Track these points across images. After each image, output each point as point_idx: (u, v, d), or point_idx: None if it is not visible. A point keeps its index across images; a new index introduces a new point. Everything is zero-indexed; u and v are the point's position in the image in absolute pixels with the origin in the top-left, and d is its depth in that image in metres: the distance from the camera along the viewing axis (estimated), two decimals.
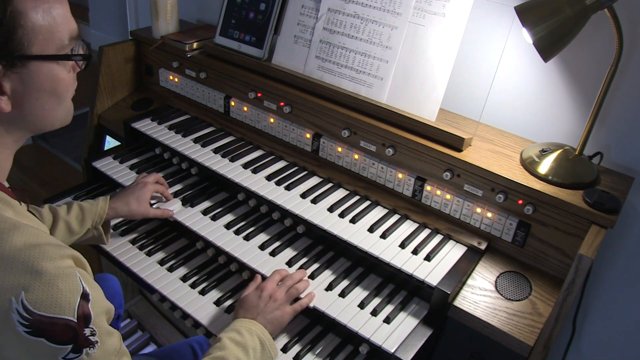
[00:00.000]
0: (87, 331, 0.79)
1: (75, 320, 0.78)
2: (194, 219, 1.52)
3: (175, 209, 1.55)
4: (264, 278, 1.35)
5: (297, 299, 1.28)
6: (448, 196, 1.41)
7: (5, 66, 0.80)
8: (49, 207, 1.34)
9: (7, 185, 0.90)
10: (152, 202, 1.55)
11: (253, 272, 1.38)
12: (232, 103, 1.80)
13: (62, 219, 1.32)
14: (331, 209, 1.46)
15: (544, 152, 1.36)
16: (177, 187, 1.65)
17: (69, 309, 0.77)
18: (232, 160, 1.64)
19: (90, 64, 0.99)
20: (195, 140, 1.72)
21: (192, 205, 1.56)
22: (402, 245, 1.37)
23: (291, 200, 1.49)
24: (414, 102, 1.46)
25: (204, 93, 1.87)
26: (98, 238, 1.41)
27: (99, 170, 1.72)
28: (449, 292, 1.23)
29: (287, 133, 1.69)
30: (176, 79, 1.94)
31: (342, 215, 1.45)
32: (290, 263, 1.39)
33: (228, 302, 1.37)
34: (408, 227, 1.45)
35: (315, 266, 1.39)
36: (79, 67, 0.93)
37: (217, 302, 1.37)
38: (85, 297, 0.79)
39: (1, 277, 0.75)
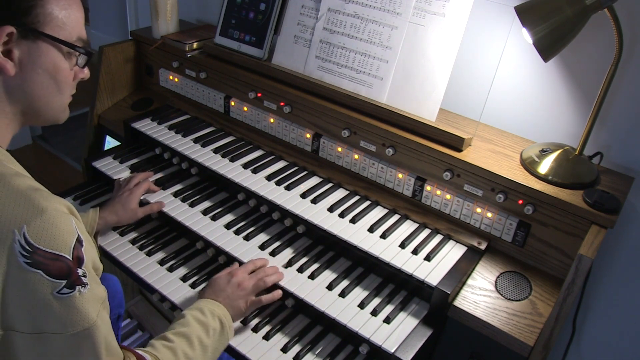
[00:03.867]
0: (79, 271, 0.84)
1: (71, 259, 0.83)
2: (194, 219, 1.52)
3: (165, 200, 1.55)
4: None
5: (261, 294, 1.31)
6: (448, 196, 1.42)
7: (20, 33, 0.88)
8: None
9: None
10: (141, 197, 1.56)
11: None
12: (232, 103, 1.80)
13: None
14: (331, 209, 1.46)
15: (544, 152, 1.36)
16: (177, 187, 1.65)
17: (65, 247, 0.83)
18: (232, 160, 1.64)
19: (92, 65, 1.03)
20: (195, 140, 1.72)
21: (192, 205, 1.56)
22: (402, 245, 1.37)
23: (291, 200, 1.49)
24: (414, 102, 1.46)
25: (204, 93, 1.87)
26: None
27: (99, 170, 1.72)
28: (449, 292, 1.23)
29: (287, 133, 1.69)
30: (176, 79, 1.94)
31: (342, 215, 1.45)
32: (290, 263, 1.39)
33: None
34: (408, 227, 1.45)
35: (315, 266, 1.39)
36: (79, 66, 1.00)
37: None
38: (79, 242, 0.85)
39: (5, 211, 0.80)
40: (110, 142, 2.00)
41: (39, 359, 0.84)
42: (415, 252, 1.34)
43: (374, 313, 1.27)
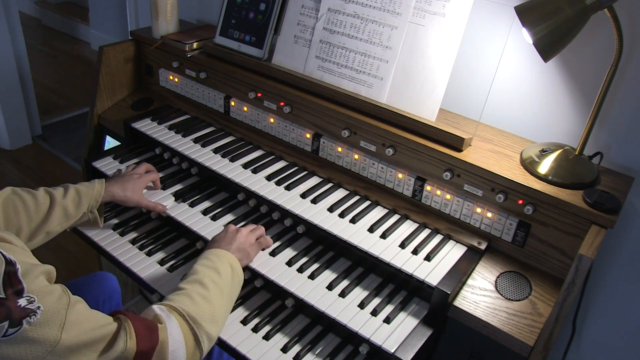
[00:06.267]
0: (22, 302, 0.78)
1: (5, 296, 0.76)
2: (194, 218, 1.52)
3: (168, 204, 1.55)
4: (264, 279, 1.36)
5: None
6: (448, 196, 1.42)
7: None
8: (45, 190, 1.31)
9: None
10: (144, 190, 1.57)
11: (253, 272, 1.38)
12: (232, 103, 1.80)
13: (59, 203, 1.31)
14: (331, 209, 1.46)
15: (544, 152, 1.36)
16: (177, 187, 1.65)
17: None
18: (232, 160, 1.64)
19: (92, 65, 0.99)
20: (195, 140, 1.72)
21: (192, 205, 1.56)
22: (402, 245, 1.37)
23: (291, 200, 1.49)
24: (414, 102, 1.46)
25: (204, 93, 1.87)
26: (93, 221, 1.42)
27: (99, 170, 1.72)
28: (449, 292, 1.23)
29: (287, 133, 1.69)
30: (176, 79, 1.94)
31: (342, 215, 1.45)
32: (290, 263, 1.38)
33: None
34: (408, 227, 1.45)
35: (315, 266, 1.39)
36: None
37: None
38: (11, 268, 0.78)
39: None
40: (110, 142, 2.00)
41: None
42: (415, 252, 1.34)
43: (374, 313, 1.27)
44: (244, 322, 1.32)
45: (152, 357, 0.94)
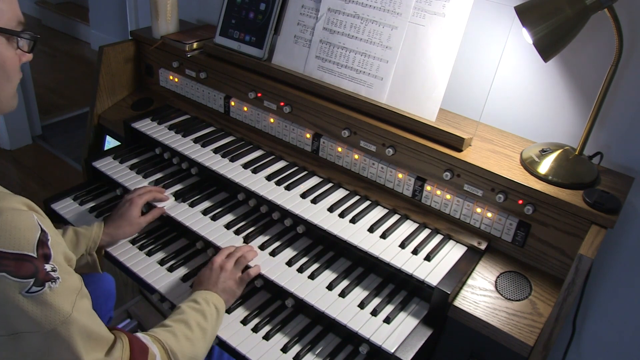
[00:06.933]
0: (47, 267, 0.84)
1: (36, 256, 0.82)
2: (194, 219, 1.52)
3: (168, 204, 1.55)
4: (264, 279, 1.36)
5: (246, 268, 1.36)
6: (448, 196, 1.42)
7: None
8: None
9: None
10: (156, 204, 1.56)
11: None
12: (232, 103, 1.80)
13: None
14: (331, 209, 1.46)
15: (544, 152, 1.36)
16: (177, 187, 1.65)
17: (28, 245, 0.82)
18: (232, 160, 1.64)
19: (92, 65, 1.03)
20: (195, 140, 1.72)
21: (192, 205, 1.56)
22: (402, 245, 1.37)
23: (291, 200, 1.49)
24: (414, 102, 1.46)
25: (204, 93, 1.87)
26: (92, 265, 1.41)
27: (99, 170, 1.72)
28: (449, 292, 1.23)
29: (287, 133, 1.69)
30: (176, 79, 1.94)
31: (342, 215, 1.45)
32: (290, 263, 1.39)
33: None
34: (408, 227, 1.45)
35: (315, 266, 1.39)
36: (26, 50, 0.97)
37: None
38: (44, 236, 0.84)
39: None
40: (110, 142, 2.00)
41: (18, 357, 0.83)
42: (415, 252, 1.34)
43: (374, 313, 1.27)
44: (244, 322, 1.32)
45: None
